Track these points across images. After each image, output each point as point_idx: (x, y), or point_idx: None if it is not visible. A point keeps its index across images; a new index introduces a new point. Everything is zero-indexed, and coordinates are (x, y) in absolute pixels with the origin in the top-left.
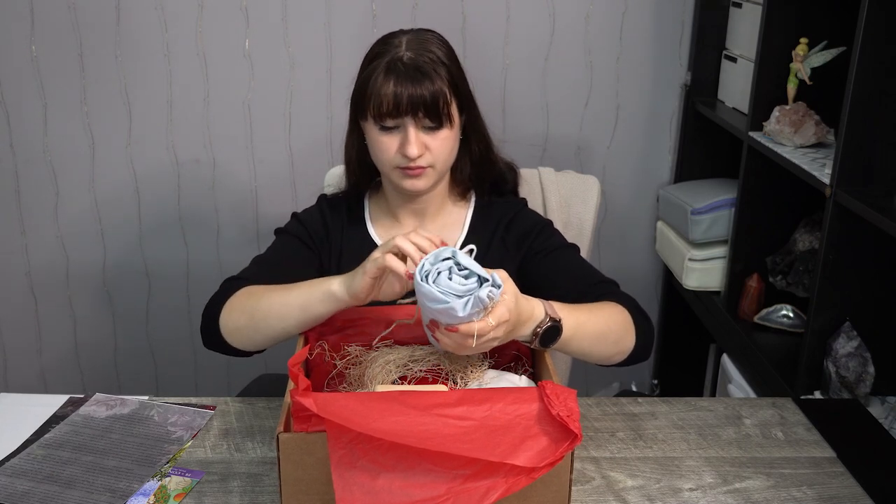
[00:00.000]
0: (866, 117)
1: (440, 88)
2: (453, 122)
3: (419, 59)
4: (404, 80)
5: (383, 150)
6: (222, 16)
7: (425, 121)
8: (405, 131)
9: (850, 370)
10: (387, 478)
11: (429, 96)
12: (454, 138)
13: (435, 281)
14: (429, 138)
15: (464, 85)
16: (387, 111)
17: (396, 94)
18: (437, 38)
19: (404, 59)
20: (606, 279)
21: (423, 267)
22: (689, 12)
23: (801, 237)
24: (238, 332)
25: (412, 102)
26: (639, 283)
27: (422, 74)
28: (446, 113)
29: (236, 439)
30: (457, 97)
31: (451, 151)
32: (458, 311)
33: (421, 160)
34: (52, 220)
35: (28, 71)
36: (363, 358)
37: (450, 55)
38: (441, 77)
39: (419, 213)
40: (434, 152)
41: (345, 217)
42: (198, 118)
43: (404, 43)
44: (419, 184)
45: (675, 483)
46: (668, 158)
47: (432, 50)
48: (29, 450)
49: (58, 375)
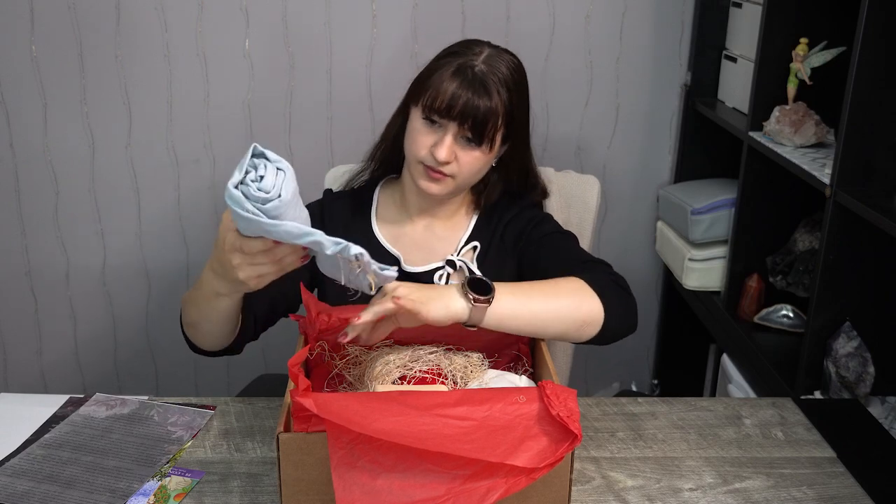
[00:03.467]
0: (866, 117)
1: (496, 108)
2: (492, 147)
3: (489, 74)
4: (467, 87)
5: (417, 142)
6: (222, 16)
7: (467, 132)
8: (444, 133)
9: (850, 370)
10: (387, 478)
11: (482, 111)
12: (485, 162)
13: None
14: (461, 151)
15: (521, 116)
16: (438, 108)
17: (454, 95)
18: (516, 65)
19: (475, 69)
20: (594, 259)
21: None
22: (689, 12)
23: (801, 237)
24: (195, 337)
25: (464, 110)
26: (639, 283)
27: (484, 89)
28: (490, 135)
29: (236, 439)
30: (507, 125)
31: (477, 173)
32: (326, 248)
33: (445, 167)
34: (52, 220)
35: (28, 71)
36: (363, 358)
37: (519, 84)
38: (501, 99)
39: (430, 214)
40: (461, 165)
41: (348, 211)
42: (198, 118)
43: (484, 54)
44: (435, 188)
45: (675, 483)
46: (668, 158)
47: (504, 72)
48: (29, 450)
49: (58, 375)
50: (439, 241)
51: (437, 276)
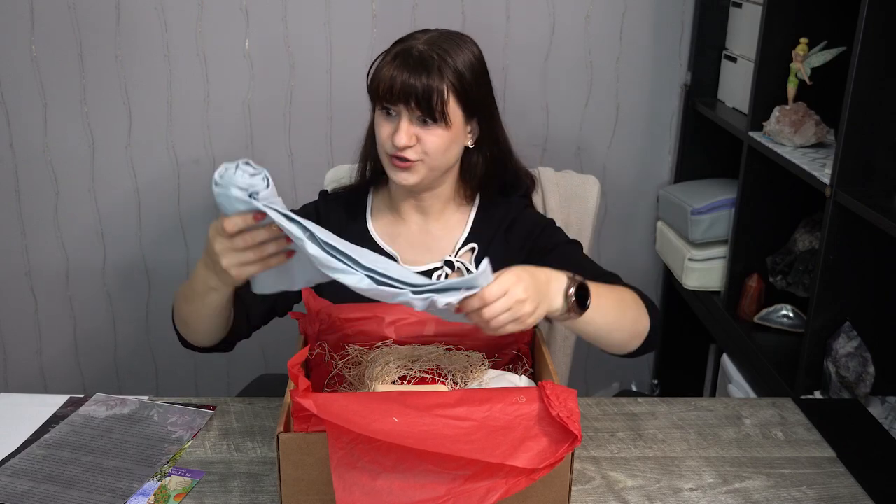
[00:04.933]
0: (866, 117)
1: (436, 85)
2: (449, 123)
3: (427, 54)
4: (403, 69)
5: (380, 133)
6: (222, 16)
7: (417, 112)
8: (399, 119)
9: (850, 370)
10: (387, 478)
11: (421, 88)
12: (451, 139)
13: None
14: (422, 132)
15: (477, 92)
16: (382, 94)
17: (392, 78)
18: (465, 42)
19: (413, 51)
20: (609, 272)
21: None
22: (689, 12)
23: (801, 237)
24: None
25: (404, 91)
26: (639, 283)
27: (423, 68)
28: (440, 110)
29: (236, 439)
30: (462, 100)
31: (446, 151)
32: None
33: (409, 152)
34: (52, 220)
35: (28, 71)
36: (363, 358)
37: (468, 61)
38: (442, 75)
39: (422, 211)
40: (425, 147)
41: (343, 212)
42: (198, 118)
43: (425, 38)
44: (408, 178)
45: (675, 483)
46: (668, 158)
47: (447, 50)
48: (29, 450)
49: (58, 375)
50: (435, 241)
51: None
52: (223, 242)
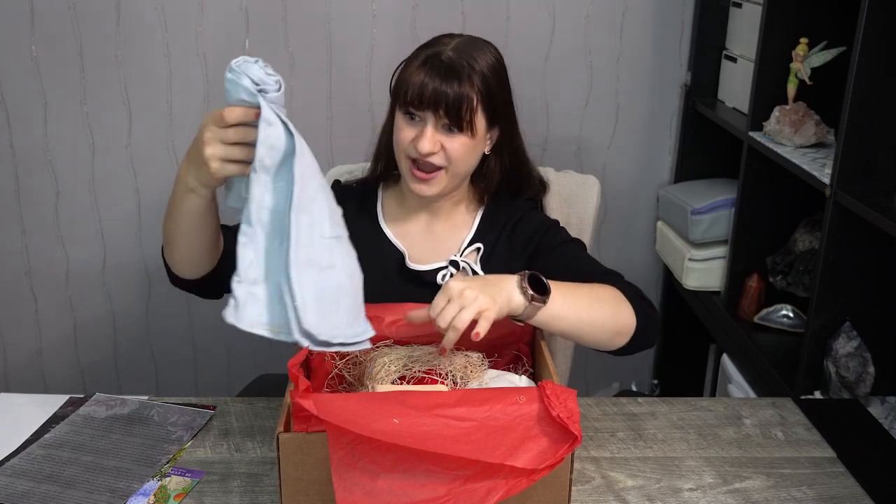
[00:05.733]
0: (866, 117)
1: (467, 93)
2: (475, 132)
3: (457, 61)
4: (434, 75)
5: (400, 137)
6: (222, 16)
7: (445, 120)
8: (424, 125)
9: (850, 370)
10: (387, 479)
11: (452, 96)
12: (473, 148)
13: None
14: (446, 139)
15: (501, 101)
16: (410, 100)
17: (423, 84)
18: (490, 50)
19: (443, 57)
20: (610, 271)
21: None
22: (689, 12)
23: (801, 237)
24: (172, 258)
25: (435, 98)
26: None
27: (453, 75)
28: (468, 119)
29: (236, 439)
30: (487, 109)
31: (468, 160)
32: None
33: (434, 158)
34: (52, 220)
35: (28, 71)
36: (363, 358)
37: (494, 68)
38: (472, 84)
39: (430, 211)
40: (449, 155)
41: (356, 206)
42: (198, 118)
43: (453, 43)
44: (427, 190)
45: (675, 483)
46: (668, 158)
47: (475, 57)
48: (29, 450)
49: (58, 375)
50: (442, 241)
51: (439, 275)
52: (214, 130)
